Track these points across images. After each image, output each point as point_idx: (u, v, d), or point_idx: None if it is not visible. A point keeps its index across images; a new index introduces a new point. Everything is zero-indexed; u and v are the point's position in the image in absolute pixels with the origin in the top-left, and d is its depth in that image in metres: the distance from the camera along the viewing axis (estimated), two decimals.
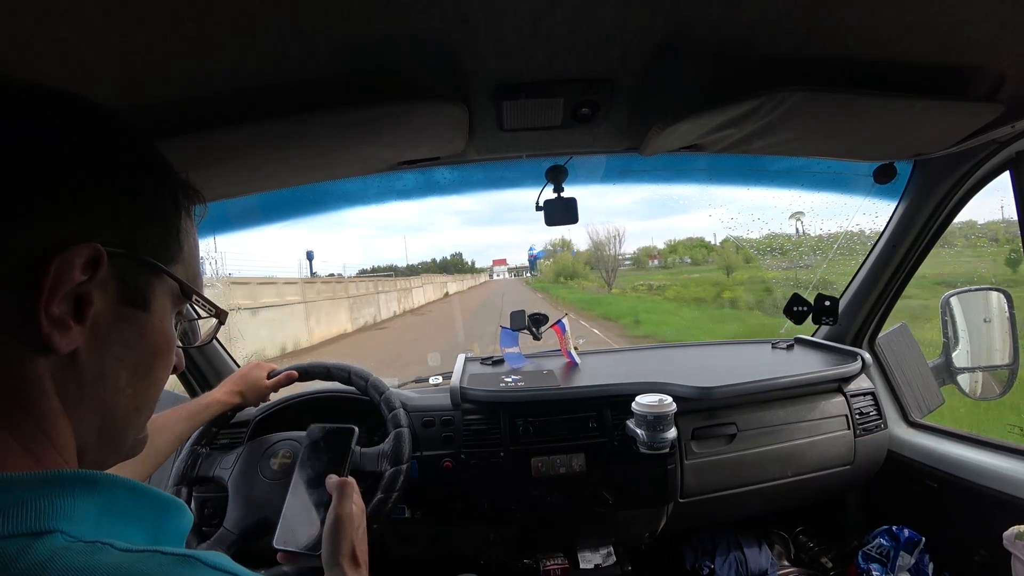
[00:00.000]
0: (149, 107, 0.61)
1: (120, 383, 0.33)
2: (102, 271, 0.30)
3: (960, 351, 1.27)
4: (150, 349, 0.35)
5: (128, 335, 0.33)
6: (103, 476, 0.30)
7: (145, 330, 0.34)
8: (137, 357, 0.34)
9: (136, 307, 0.34)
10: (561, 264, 53.93)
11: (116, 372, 0.33)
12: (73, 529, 0.26)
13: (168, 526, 0.33)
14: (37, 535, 0.25)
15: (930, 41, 0.62)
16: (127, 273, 0.33)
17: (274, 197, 1.04)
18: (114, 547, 0.26)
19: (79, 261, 0.29)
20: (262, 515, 0.88)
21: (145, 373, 0.35)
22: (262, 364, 1.06)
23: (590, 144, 0.95)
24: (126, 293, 0.33)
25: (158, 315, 0.35)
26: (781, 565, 1.30)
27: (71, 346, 0.29)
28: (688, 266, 43.63)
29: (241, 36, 0.51)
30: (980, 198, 1.09)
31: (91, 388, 0.32)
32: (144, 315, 0.34)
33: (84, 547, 0.26)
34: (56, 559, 0.24)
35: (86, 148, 0.31)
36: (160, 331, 0.36)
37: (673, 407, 1.00)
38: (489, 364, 1.40)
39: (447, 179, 1.18)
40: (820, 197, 1.34)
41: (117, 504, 0.30)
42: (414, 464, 1.04)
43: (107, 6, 0.44)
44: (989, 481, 1.02)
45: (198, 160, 0.73)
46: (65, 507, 0.27)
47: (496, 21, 0.55)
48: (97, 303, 0.31)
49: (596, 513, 1.10)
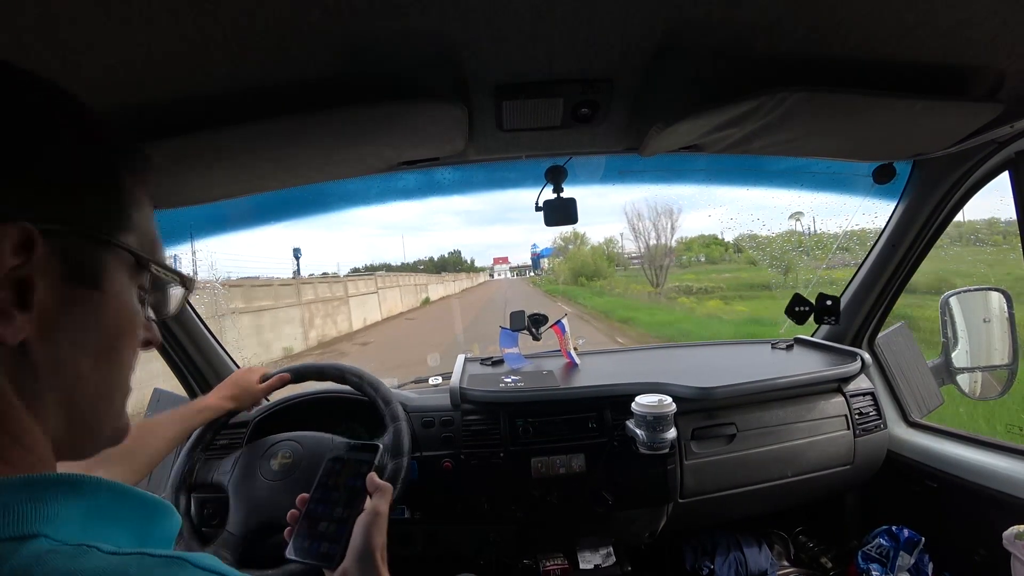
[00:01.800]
0: (148, 107, 0.61)
1: (82, 369, 0.31)
2: (38, 251, 0.27)
3: (959, 351, 1.27)
4: (111, 329, 0.33)
5: (82, 317, 0.31)
6: (88, 479, 0.29)
7: (102, 310, 0.32)
8: (97, 339, 0.32)
9: (86, 286, 0.31)
10: (579, 261, 40.59)
11: (75, 358, 0.31)
12: (58, 533, 0.25)
13: (155, 529, 0.32)
14: (21, 539, 0.24)
15: (930, 41, 0.62)
16: (70, 251, 0.30)
17: (275, 197, 1.04)
18: (100, 550, 0.25)
19: (7, 244, 0.26)
20: (265, 516, 0.88)
21: (109, 355, 0.33)
22: (254, 368, 1.06)
23: (590, 144, 0.95)
24: (72, 272, 0.30)
25: (114, 291, 0.33)
26: (781, 565, 1.31)
27: (18, 336, 0.27)
28: (705, 264, 32.39)
29: (241, 36, 0.51)
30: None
31: (50, 379, 0.30)
32: (98, 294, 0.32)
33: (70, 550, 0.25)
34: (41, 563, 0.24)
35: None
36: (120, 308, 0.33)
37: (673, 407, 1.00)
38: (489, 364, 1.40)
39: (448, 179, 1.18)
40: (820, 197, 1.34)
41: (102, 507, 0.29)
42: (414, 464, 1.04)
43: (107, 6, 0.44)
44: (989, 481, 1.02)
45: (198, 160, 0.73)
46: (49, 511, 0.26)
47: (496, 21, 0.55)
48: (41, 287, 0.28)
49: (596, 513, 1.10)
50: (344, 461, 0.69)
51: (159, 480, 1.05)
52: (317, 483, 0.66)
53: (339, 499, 0.63)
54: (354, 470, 0.67)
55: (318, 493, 0.65)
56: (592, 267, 38.69)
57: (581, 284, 35.04)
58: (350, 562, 0.56)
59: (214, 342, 1.30)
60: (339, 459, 0.69)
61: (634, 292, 23.82)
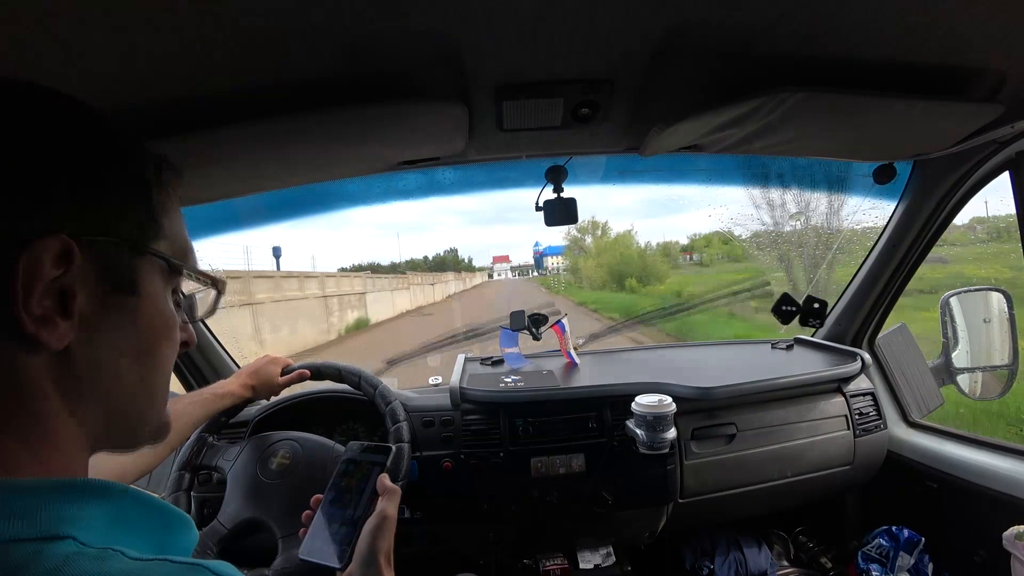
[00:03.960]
0: (149, 107, 0.61)
1: (122, 371, 0.33)
2: (77, 262, 0.29)
3: (960, 351, 1.27)
4: (149, 332, 0.34)
5: (121, 322, 0.33)
6: (114, 485, 0.30)
7: (139, 314, 0.34)
8: (136, 342, 0.34)
9: (124, 292, 0.33)
10: (620, 256, 27.34)
11: (116, 361, 0.33)
12: (84, 536, 0.26)
13: (174, 539, 0.33)
14: (49, 540, 0.25)
15: (930, 42, 0.62)
16: (107, 259, 0.31)
17: (275, 197, 1.04)
18: (125, 555, 0.26)
19: (48, 256, 0.28)
20: (255, 515, 0.88)
21: (148, 357, 0.35)
22: (278, 359, 1.05)
23: (590, 144, 0.95)
24: (110, 280, 0.32)
25: (150, 297, 0.34)
26: (780, 565, 1.30)
27: (62, 342, 0.29)
28: (729, 263, 23.56)
29: (241, 36, 0.51)
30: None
31: (92, 381, 0.31)
32: (135, 299, 0.33)
33: (96, 553, 0.26)
34: (69, 564, 0.25)
35: (35, 136, 0.30)
36: (156, 312, 0.35)
37: (673, 407, 1.00)
38: (489, 364, 1.40)
39: (448, 179, 1.18)
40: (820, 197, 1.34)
41: (126, 514, 0.30)
42: (414, 464, 1.04)
43: (107, 6, 0.44)
44: (989, 481, 1.02)
45: (199, 159, 0.73)
46: (77, 514, 0.27)
47: (496, 21, 0.55)
48: (81, 295, 0.30)
49: (596, 513, 1.10)
50: (357, 463, 0.69)
51: (159, 478, 1.05)
52: (330, 484, 0.66)
53: (351, 501, 0.64)
54: (366, 472, 0.67)
55: (331, 494, 0.65)
56: (637, 265, 25.20)
57: (631, 290, 21.64)
58: (355, 566, 0.57)
59: (214, 341, 1.30)
60: (352, 460, 0.70)
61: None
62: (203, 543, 0.85)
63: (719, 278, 18.80)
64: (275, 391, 1.04)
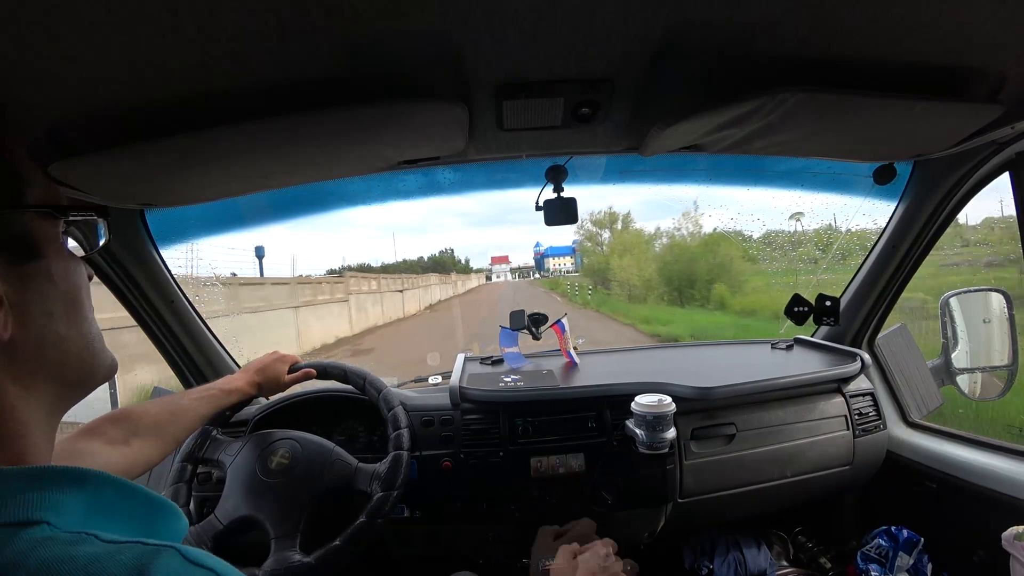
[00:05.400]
0: (149, 107, 0.61)
1: (60, 331, 0.34)
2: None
3: (959, 352, 1.27)
4: (68, 286, 0.35)
5: (42, 288, 0.33)
6: (93, 472, 0.30)
7: (52, 273, 0.34)
8: (63, 302, 0.34)
9: (31, 259, 0.33)
10: (676, 253, 18.78)
11: (52, 327, 0.33)
12: (60, 521, 0.27)
13: (161, 527, 0.33)
14: (23, 525, 0.26)
15: (931, 42, 0.62)
16: (1, 237, 0.31)
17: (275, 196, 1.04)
18: (99, 538, 0.27)
19: None
20: (251, 513, 0.88)
21: (76, 309, 0.36)
22: (285, 357, 1.05)
23: (590, 144, 0.95)
24: (13, 254, 0.32)
25: (51, 251, 0.34)
26: (780, 565, 1.30)
27: (7, 331, 0.30)
28: (747, 263, 14.67)
29: (241, 35, 0.51)
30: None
31: (39, 355, 0.32)
32: (44, 261, 0.34)
33: (69, 537, 0.26)
34: (39, 547, 0.25)
35: None
36: (64, 264, 0.35)
37: (672, 407, 1.00)
38: (488, 364, 1.40)
39: (448, 179, 1.18)
40: (820, 197, 1.34)
41: (105, 500, 0.31)
42: (413, 464, 1.05)
43: (107, 5, 0.44)
44: (988, 482, 1.02)
45: (198, 159, 0.73)
46: (53, 500, 0.27)
47: (496, 21, 0.55)
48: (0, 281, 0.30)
49: (595, 513, 1.10)
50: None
51: (159, 477, 1.05)
52: None
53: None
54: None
55: None
56: (710, 266, 15.55)
57: (719, 304, 13.95)
58: None
59: (213, 340, 1.30)
60: None
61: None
62: (199, 538, 0.85)
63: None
64: (281, 389, 1.04)
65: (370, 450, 1.14)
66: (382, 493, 0.92)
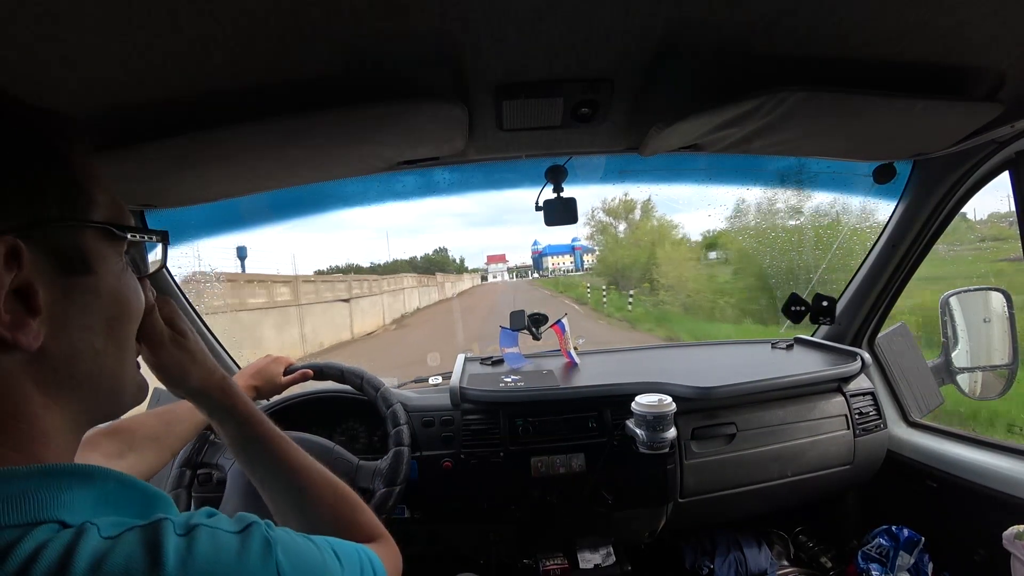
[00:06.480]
0: (149, 107, 0.61)
1: (96, 346, 0.34)
2: (26, 257, 0.29)
3: (959, 351, 1.27)
4: (113, 303, 0.35)
5: (86, 302, 0.33)
6: (98, 469, 0.31)
7: (100, 289, 0.34)
8: (104, 318, 0.34)
9: (79, 273, 0.33)
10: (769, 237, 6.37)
11: (89, 341, 0.33)
12: (71, 518, 0.28)
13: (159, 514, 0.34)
14: (37, 524, 0.26)
15: (930, 41, 0.62)
16: (53, 245, 0.31)
17: (275, 196, 1.04)
18: (99, 532, 0.27)
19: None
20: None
21: (117, 326, 0.36)
22: (280, 359, 1.04)
23: (590, 144, 0.95)
24: (64, 265, 0.32)
25: (104, 268, 0.35)
26: (780, 565, 1.30)
27: (38, 341, 0.30)
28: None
29: (241, 36, 0.51)
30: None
31: (70, 367, 0.32)
32: (92, 277, 0.34)
33: (74, 530, 0.27)
34: (51, 544, 0.26)
35: None
36: (114, 282, 0.35)
37: (673, 407, 1.00)
38: (489, 364, 1.40)
39: (446, 180, 1.18)
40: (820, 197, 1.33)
41: (110, 495, 0.31)
42: (414, 464, 1.04)
43: (107, 6, 0.44)
44: (988, 481, 1.02)
45: (198, 159, 0.73)
46: (64, 498, 0.28)
47: (496, 21, 0.55)
48: (42, 289, 0.30)
49: (596, 513, 1.10)
50: None
51: (159, 482, 1.05)
52: None
53: None
54: None
55: None
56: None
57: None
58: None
59: (213, 340, 1.30)
60: None
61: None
62: None
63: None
64: (278, 391, 1.04)
65: (370, 450, 1.14)
66: (385, 489, 0.92)
